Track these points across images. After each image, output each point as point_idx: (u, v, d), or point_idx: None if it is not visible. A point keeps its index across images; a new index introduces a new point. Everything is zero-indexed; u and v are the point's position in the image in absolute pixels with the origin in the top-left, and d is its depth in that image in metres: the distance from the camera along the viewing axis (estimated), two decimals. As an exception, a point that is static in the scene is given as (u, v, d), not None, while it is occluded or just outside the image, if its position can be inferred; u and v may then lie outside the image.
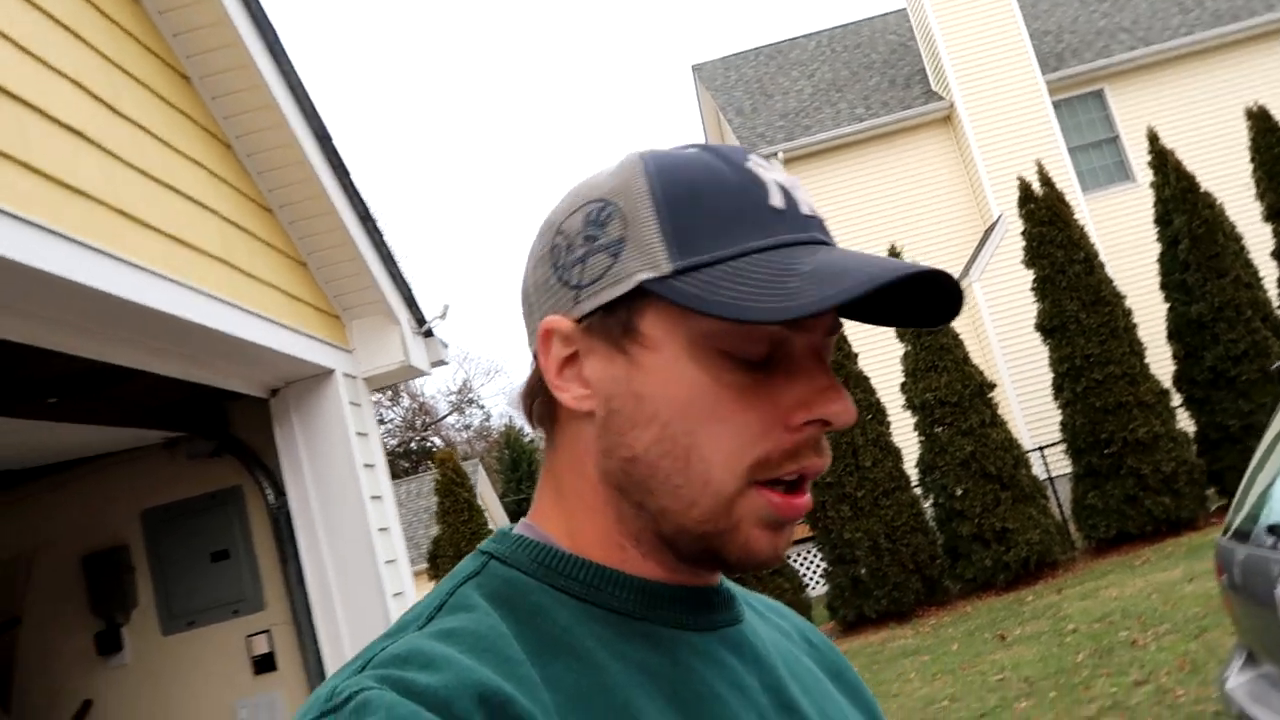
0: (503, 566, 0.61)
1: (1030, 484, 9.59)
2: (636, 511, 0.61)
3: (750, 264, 0.57)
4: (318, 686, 0.54)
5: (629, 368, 0.59)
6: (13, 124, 1.87)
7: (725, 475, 0.58)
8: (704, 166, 0.60)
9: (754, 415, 0.58)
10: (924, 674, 7.15)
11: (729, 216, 0.58)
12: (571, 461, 0.64)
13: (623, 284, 0.59)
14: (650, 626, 0.61)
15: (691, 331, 0.58)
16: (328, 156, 3.13)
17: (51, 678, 3.26)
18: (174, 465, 3.37)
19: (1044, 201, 9.83)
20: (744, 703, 0.61)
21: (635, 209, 0.59)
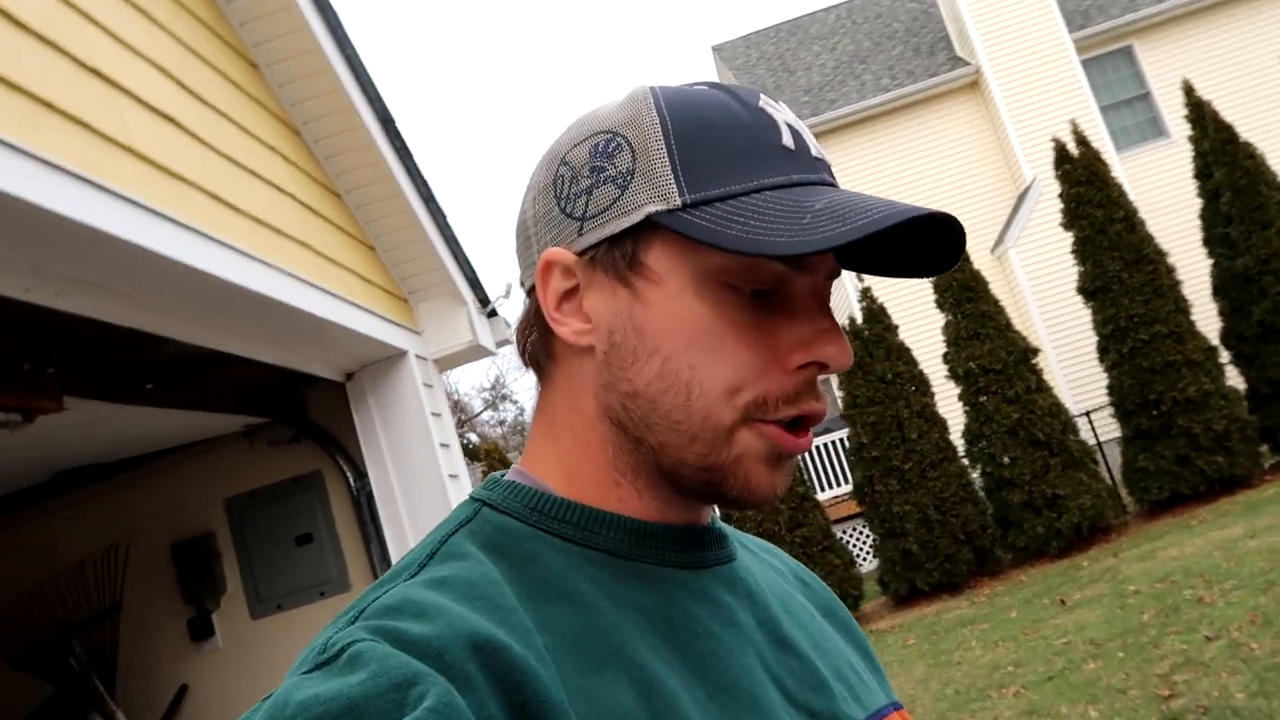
0: (495, 513, 0.60)
1: (1079, 449, 9.50)
2: (635, 446, 0.60)
3: (763, 200, 0.56)
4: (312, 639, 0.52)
5: (632, 301, 0.59)
6: (112, 109, 1.91)
7: (723, 409, 0.58)
8: (716, 103, 0.59)
9: (754, 353, 0.58)
10: (985, 641, 7.12)
11: (740, 153, 0.58)
12: (568, 398, 0.63)
13: (630, 216, 0.58)
14: (644, 566, 0.60)
15: (698, 266, 0.57)
16: (391, 140, 3.15)
17: (148, 664, 3.33)
18: (254, 453, 3.42)
19: (1080, 161, 9.70)
20: (739, 638, 0.61)
21: (645, 141, 0.58)
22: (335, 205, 3.10)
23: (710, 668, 0.58)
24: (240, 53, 2.69)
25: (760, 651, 0.62)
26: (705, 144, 0.57)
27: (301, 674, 0.48)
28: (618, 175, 0.58)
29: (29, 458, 2.83)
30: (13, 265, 1.73)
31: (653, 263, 0.58)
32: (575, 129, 0.63)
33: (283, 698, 0.46)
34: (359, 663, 0.47)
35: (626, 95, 0.62)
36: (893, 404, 9.71)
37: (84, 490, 3.36)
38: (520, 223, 0.65)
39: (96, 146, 1.80)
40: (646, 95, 0.60)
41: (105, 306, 1.98)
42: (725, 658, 0.59)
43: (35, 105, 1.64)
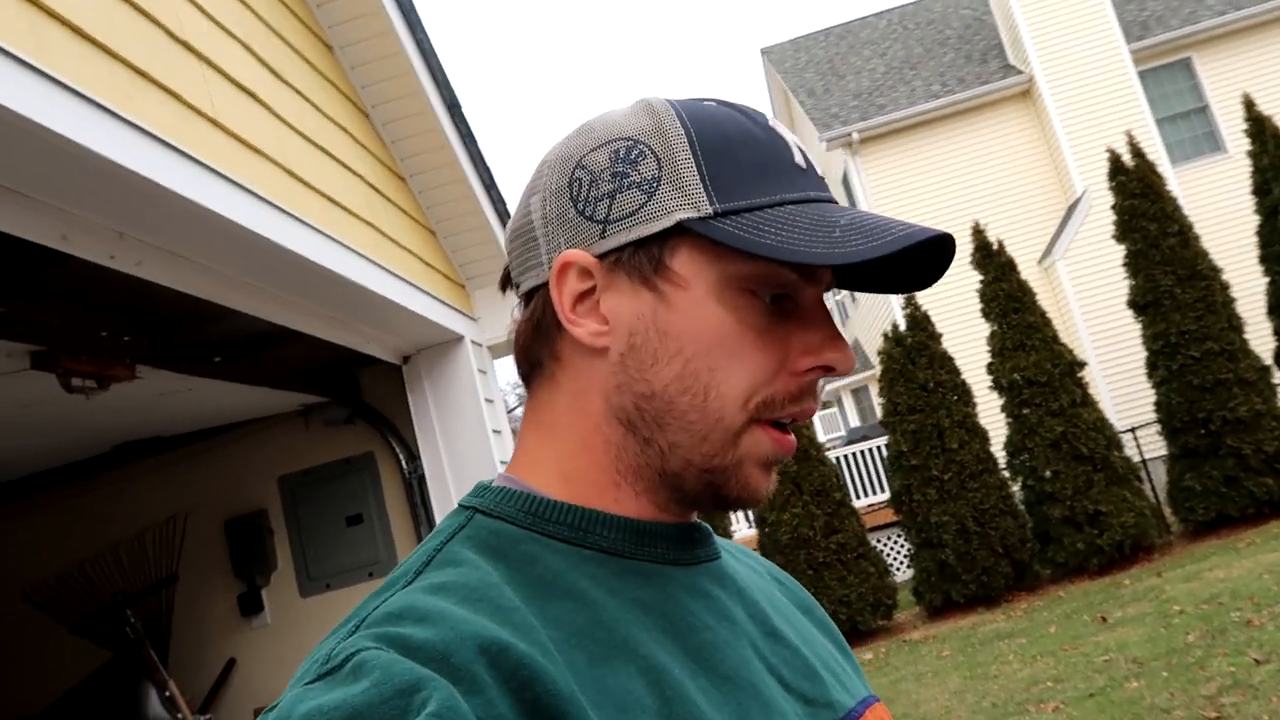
0: (488, 519, 0.61)
1: (1123, 465, 9.33)
2: (643, 448, 0.62)
3: (788, 213, 0.59)
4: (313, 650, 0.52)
5: (656, 304, 0.60)
6: (199, 81, 1.93)
7: (735, 410, 0.60)
8: (732, 119, 0.62)
9: (767, 357, 0.60)
10: (1023, 656, 7.02)
11: (760, 168, 0.60)
12: (573, 398, 0.64)
13: (659, 221, 0.59)
14: (639, 564, 0.61)
15: (722, 272, 0.59)
16: (457, 125, 3.17)
17: (199, 636, 3.38)
18: (309, 432, 3.45)
19: (1135, 173, 9.54)
20: (734, 631, 0.62)
21: (671, 150, 0.60)
22: (400, 188, 3.12)
23: (710, 658, 0.59)
24: (316, 34, 2.72)
25: (754, 643, 0.63)
26: (729, 156, 0.60)
27: (305, 685, 0.48)
28: (643, 181, 0.60)
29: (96, 428, 2.88)
30: (100, 231, 1.76)
31: (678, 267, 0.60)
32: (586, 135, 0.64)
33: (286, 710, 0.46)
34: (363, 671, 0.47)
35: (639, 105, 0.64)
36: (934, 413, 9.60)
37: (142, 463, 3.42)
38: (519, 225, 0.65)
39: (185, 117, 1.82)
40: (667, 106, 0.62)
41: (184, 277, 2.00)
42: (723, 649, 0.60)
43: (132, 74, 1.66)
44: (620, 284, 0.61)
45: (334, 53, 2.83)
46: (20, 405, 2.48)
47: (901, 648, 8.68)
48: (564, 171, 0.63)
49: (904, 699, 6.77)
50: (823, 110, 14.52)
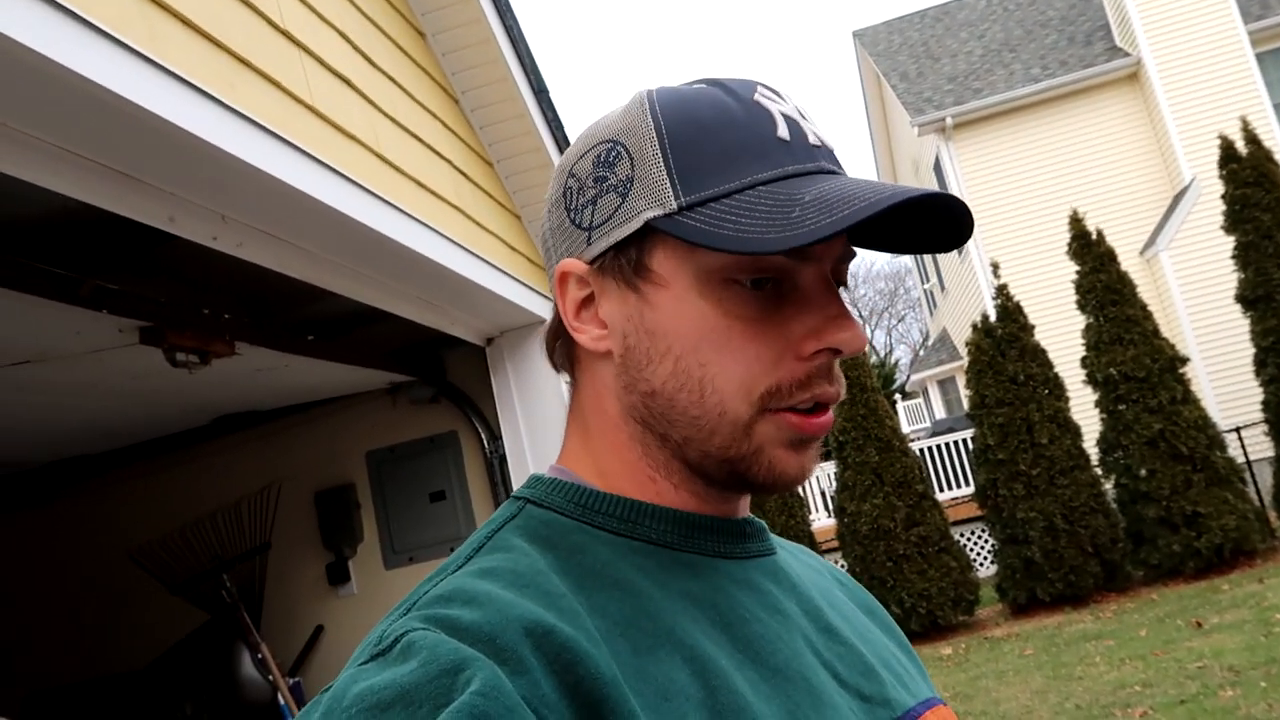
0: (540, 509, 0.62)
1: (1226, 466, 8.92)
2: (661, 443, 0.62)
3: (755, 196, 0.57)
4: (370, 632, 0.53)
5: (641, 305, 0.60)
6: (298, 69, 2.00)
7: (739, 404, 0.59)
8: (710, 101, 0.60)
9: (764, 345, 0.58)
10: (1110, 658, 6.81)
11: (734, 150, 0.58)
12: (594, 400, 0.65)
13: (631, 223, 0.59)
14: (688, 556, 0.61)
15: (699, 266, 0.58)
16: (544, 110, 3.21)
17: (290, 603, 3.52)
18: (395, 410, 3.56)
19: (1249, 161, 9.07)
20: (786, 624, 0.62)
21: (641, 147, 0.60)
22: (486, 172, 3.17)
23: (760, 650, 0.58)
24: (410, 21, 2.78)
25: (808, 637, 0.63)
26: (699, 144, 0.59)
27: (359, 665, 0.50)
28: (619, 183, 0.60)
29: (197, 401, 3.02)
30: (205, 214, 1.84)
31: (657, 266, 0.60)
32: (582, 140, 0.65)
33: (341, 690, 0.48)
34: (411, 651, 0.48)
35: (627, 101, 0.64)
36: (1023, 406, 9.33)
37: (238, 435, 3.57)
38: (541, 236, 0.68)
39: (284, 104, 1.89)
40: (642, 100, 0.62)
41: (282, 258, 2.08)
42: (774, 641, 0.60)
43: (235, 63, 1.73)
44: (610, 288, 0.62)
45: (426, 40, 2.89)
46: (130, 377, 2.62)
47: (983, 644, 8.51)
48: (560, 181, 0.65)
49: (983, 696, 6.64)
50: (915, 94, 14.18)
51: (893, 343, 38.53)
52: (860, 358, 10.01)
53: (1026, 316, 9.66)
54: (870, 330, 37.88)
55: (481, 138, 3.18)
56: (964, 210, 0.60)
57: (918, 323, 34.65)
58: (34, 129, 1.42)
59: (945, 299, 17.23)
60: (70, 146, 1.50)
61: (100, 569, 3.56)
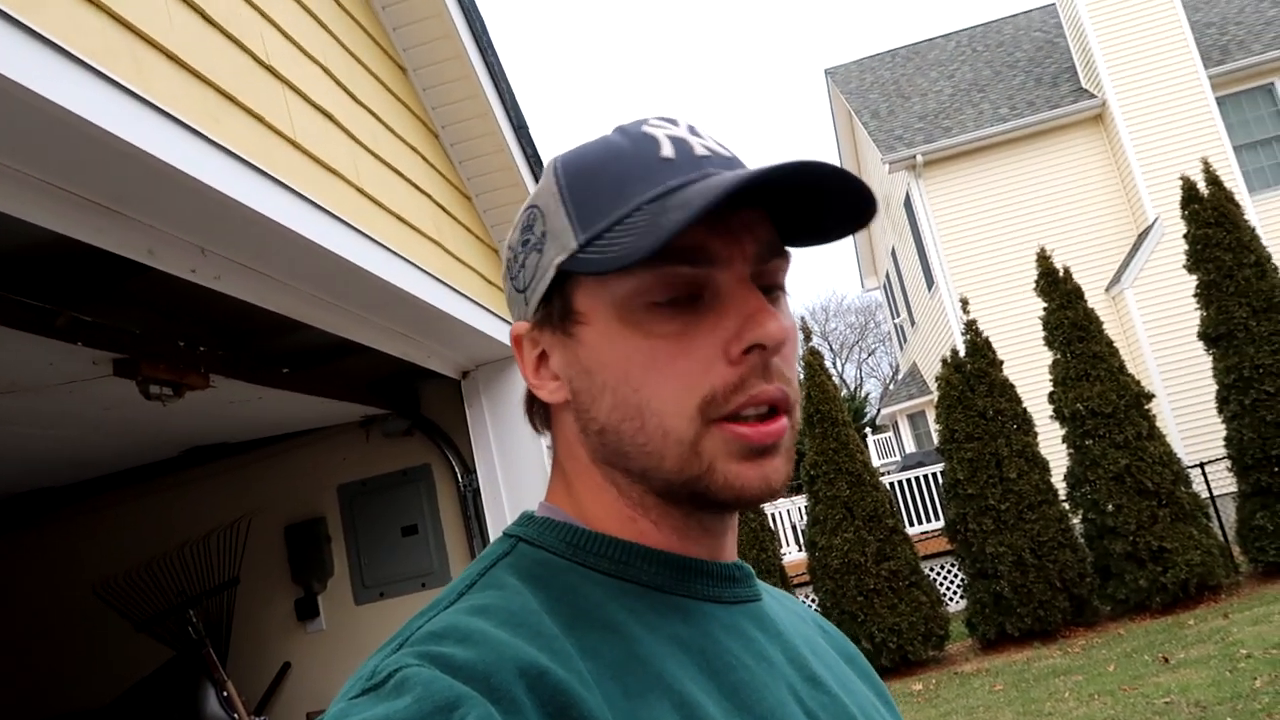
0: (532, 548, 0.62)
1: (1191, 501, 9.05)
2: (629, 479, 0.63)
3: (640, 215, 0.58)
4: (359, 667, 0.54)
5: (575, 346, 0.62)
6: (281, 104, 2.00)
7: (679, 422, 0.59)
8: (602, 144, 0.64)
9: (691, 358, 0.59)
10: (1079, 694, 6.84)
11: (620, 180, 0.60)
12: (566, 450, 0.66)
13: (549, 273, 0.62)
14: (679, 600, 0.62)
15: (613, 295, 0.60)
16: (523, 146, 3.23)
17: (257, 639, 3.46)
18: (368, 443, 3.52)
19: (1210, 202, 9.29)
20: (772, 672, 0.62)
21: (548, 203, 0.63)
22: (465, 207, 3.18)
23: (746, 698, 0.58)
24: (391, 55, 2.79)
25: (793, 686, 0.63)
26: (590, 185, 0.61)
27: (350, 699, 0.50)
28: (536, 241, 0.64)
29: (168, 432, 2.98)
30: (185, 247, 1.83)
31: (580, 306, 0.62)
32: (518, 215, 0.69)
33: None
34: (405, 687, 0.48)
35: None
36: (992, 441, 9.43)
37: (208, 467, 3.52)
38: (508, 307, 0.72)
39: (267, 138, 1.89)
40: (551, 163, 0.65)
41: (260, 291, 2.07)
42: (760, 689, 0.60)
43: (219, 97, 1.73)
44: (551, 340, 0.64)
45: (408, 75, 2.91)
46: (102, 408, 2.58)
47: (953, 680, 8.51)
48: (504, 255, 0.69)
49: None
50: (886, 132, 14.41)
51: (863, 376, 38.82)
52: (831, 391, 10.06)
53: (995, 352, 9.79)
54: (840, 364, 38.13)
55: (461, 172, 3.19)
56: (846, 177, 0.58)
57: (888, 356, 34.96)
58: (14, 161, 1.41)
59: (915, 333, 17.42)
60: (51, 179, 1.48)
61: (63, 603, 3.48)
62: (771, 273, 0.62)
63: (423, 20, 2.79)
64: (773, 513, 13.52)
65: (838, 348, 38.48)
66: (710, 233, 0.59)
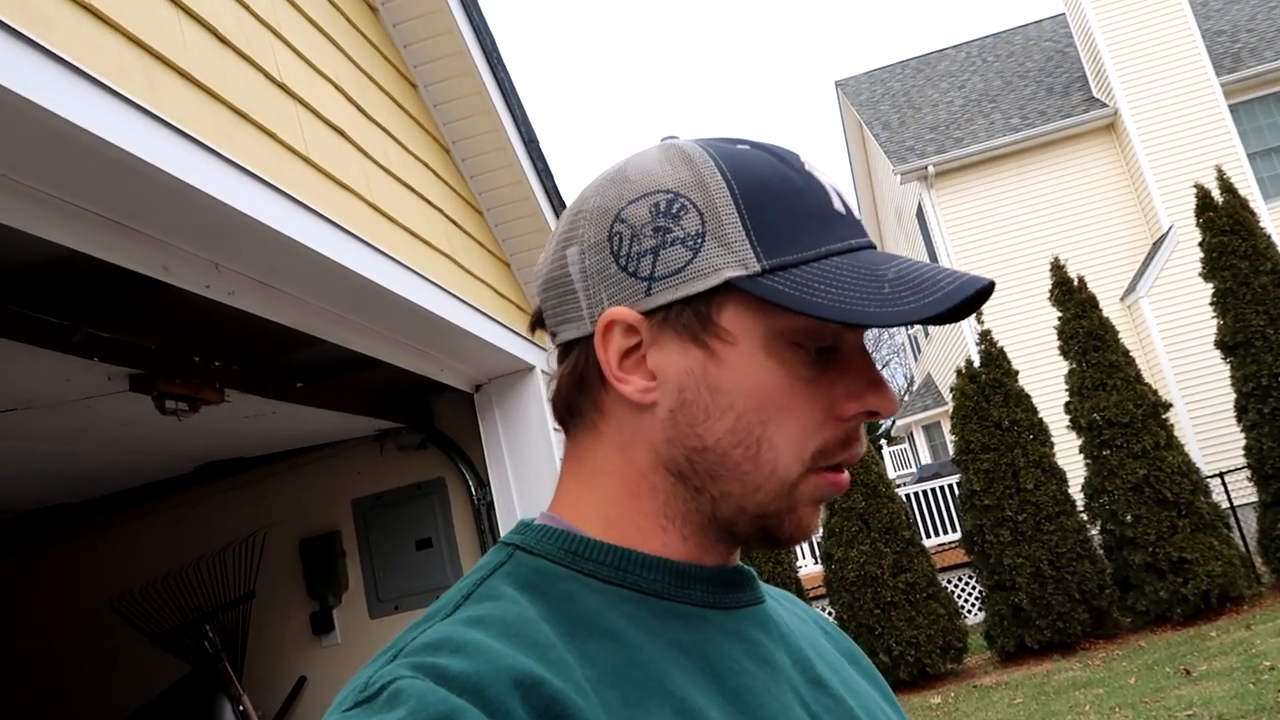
0: (529, 556, 0.61)
1: (1210, 512, 8.96)
2: (693, 495, 0.62)
3: (834, 266, 0.59)
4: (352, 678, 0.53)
5: (706, 361, 0.60)
6: (294, 121, 2.02)
7: (791, 463, 0.61)
8: (769, 166, 0.62)
9: (816, 407, 0.61)
10: (1099, 707, 6.76)
11: (803, 218, 0.60)
12: (619, 450, 0.64)
13: (708, 279, 0.59)
14: (679, 606, 0.61)
15: (771, 328, 0.60)
16: (534, 160, 3.25)
17: (273, 653, 3.47)
18: (382, 457, 3.53)
19: (1225, 210, 9.24)
20: (775, 676, 0.62)
21: (713, 204, 0.60)
22: (476, 221, 3.20)
23: (749, 703, 0.58)
24: (402, 72, 2.82)
25: (797, 689, 0.63)
26: (772, 208, 0.60)
27: (342, 711, 0.49)
28: (687, 237, 0.60)
29: (183, 448, 3.00)
30: (199, 263, 1.84)
31: (726, 323, 0.60)
32: (622, 186, 0.63)
33: None
34: (399, 700, 0.48)
35: (674, 152, 0.63)
36: (1008, 451, 9.37)
37: (223, 482, 3.54)
38: (555, 275, 0.65)
39: (280, 155, 1.91)
40: (705, 155, 0.62)
41: (274, 306, 2.09)
42: (763, 694, 0.59)
43: (232, 114, 1.76)
44: (668, 341, 0.61)
45: (419, 91, 2.93)
46: (118, 424, 2.60)
47: (971, 693, 8.43)
48: (602, 225, 0.62)
49: (974, 747, 6.58)
50: (898, 143, 14.41)
51: (878, 387, 38.59)
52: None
53: (1010, 362, 9.74)
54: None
55: (472, 186, 3.21)
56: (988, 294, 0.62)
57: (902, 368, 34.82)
58: (31, 179, 1.43)
59: (929, 345, 17.36)
60: (66, 196, 1.50)
61: (81, 619, 3.50)
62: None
63: (433, 37, 2.82)
64: (788, 526, 13.43)
65: (852, 360, 38.33)
66: None
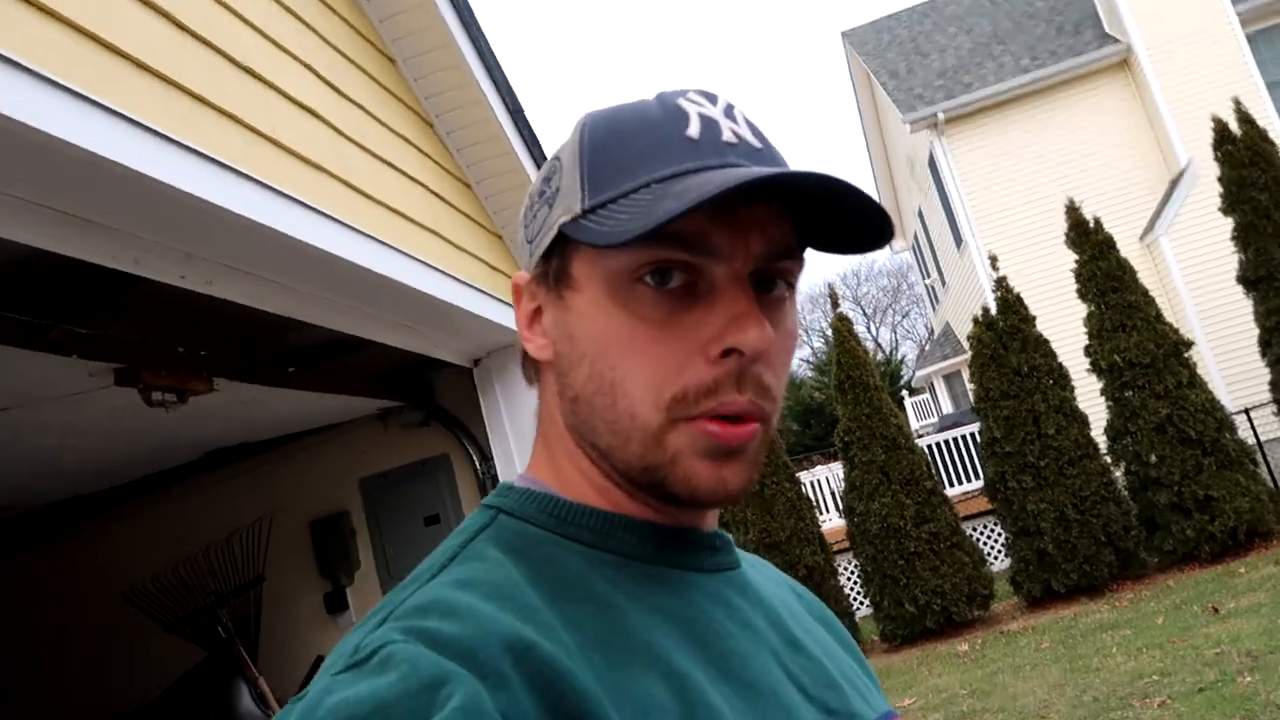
0: (512, 519, 0.61)
1: (1236, 448, 8.86)
2: (594, 452, 0.62)
3: (645, 194, 0.57)
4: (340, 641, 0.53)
5: (563, 311, 0.61)
6: (260, 104, 1.99)
7: (648, 410, 0.58)
8: (635, 109, 0.62)
9: (671, 348, 0.57)
10: (1127, 648, 6.75)
11: (638, 153, 0.59)
12: (547, 410, 0.66)
13: (551, 231, 0.61)
14: (660, 569, 0.61)
15: (607, 268, 0.59)
16: (520, 130, 3.20)
17: (287, 634, 3.51)
18: (386, 436, 3.54)
19: (1244, 142, 9.03)
20: (755, 639, 0.62)
21: (568, 159, 0.62)
22: (465, 195, 3.17)
23: (733, 666, 0.58)
24: (379, 48, 2.78)
25: (776, 651, 0.63)
26: (611, 150, 0.60)
27: (333, 675, 0.49)
28: (550, 195, 0.62)
29: (184, 436, 3.02)
30: (169, 253, 1.83)
31: (575, 271, 0.61)
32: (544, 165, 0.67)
33: (315, 700, 0.47)
34: (390, 664, 0.47)
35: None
36: (1028, 398, 9.29)
37: (231, 468, 3.56)
38: None
39: (245, 139, 1.88)
40: (582, 118, 0.64)
41: (254, 293, 2.08)
42: (745, 657, 0.60)
43: (191, 101, 1.73)
44: (545, 298, 0.63)
45: (397, 66, 2.89)
46: (112, 416, 2.61)
47: (999, 639, 8.45)
48: (524, 203, 0.67)
49: (1000, 692, 6.59)
50: (906, 91, 14.16)
51: (898, 339, 38.45)
52: (861, 355, 9.96)
53: (1027, 308, 9.62)
54: (875, 328, 37.76)
55: (459, 160, 3.18)
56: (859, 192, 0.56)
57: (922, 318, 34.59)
58: (-16, 179, 1.41)
59: (946, 294, 17.19)
60: (22, 194, 1.49)
61: (98, 608, 3.55)
62: (778, 275, 0.61)
63: (408, 10, 2.77)
64: (811, 480, 13.46)
65: (871, 312, 38.13)
66: (714, 224, 0.57)
